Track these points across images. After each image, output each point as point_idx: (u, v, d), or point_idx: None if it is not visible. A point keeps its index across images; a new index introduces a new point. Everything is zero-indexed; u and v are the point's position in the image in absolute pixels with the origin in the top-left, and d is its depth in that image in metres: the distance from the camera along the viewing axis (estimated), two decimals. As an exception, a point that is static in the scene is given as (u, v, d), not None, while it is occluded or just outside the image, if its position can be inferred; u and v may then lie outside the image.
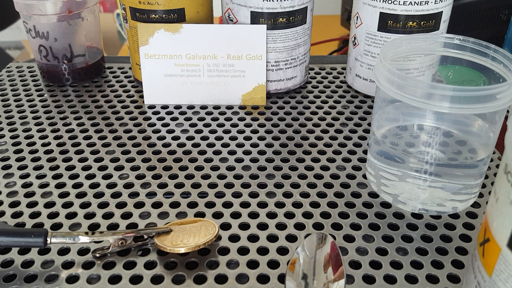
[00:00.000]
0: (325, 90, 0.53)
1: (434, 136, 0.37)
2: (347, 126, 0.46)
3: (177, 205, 0.36)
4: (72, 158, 0.41)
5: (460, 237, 0.33)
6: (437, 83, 0.30)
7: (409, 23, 0.46)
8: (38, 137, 0.44)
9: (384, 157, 0.36)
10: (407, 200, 0.35)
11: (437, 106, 0.30)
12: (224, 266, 0.31)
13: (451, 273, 0.30)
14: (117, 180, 0.39)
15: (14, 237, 0.29)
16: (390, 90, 0.32)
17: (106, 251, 0.31)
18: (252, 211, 0.35)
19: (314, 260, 0.29)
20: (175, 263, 0.31)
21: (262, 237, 0.33)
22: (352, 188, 0.38)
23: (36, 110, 0.49)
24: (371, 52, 0.49)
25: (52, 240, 0.30)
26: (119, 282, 0.30)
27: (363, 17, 0.48)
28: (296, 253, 0.29)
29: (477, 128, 0.36)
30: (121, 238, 0.31)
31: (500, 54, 0.34)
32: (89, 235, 0.30)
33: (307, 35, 0.50)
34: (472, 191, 0.35)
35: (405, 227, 0.34)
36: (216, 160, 0.41)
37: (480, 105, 0.30)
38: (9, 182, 0.38)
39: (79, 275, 0.30)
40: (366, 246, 0.32)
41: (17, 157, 0.41)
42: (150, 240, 0.31)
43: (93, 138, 0.44)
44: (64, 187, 0.38)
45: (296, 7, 0.47)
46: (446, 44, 0.36)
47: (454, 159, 0.36)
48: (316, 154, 0.42)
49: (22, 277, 0.30)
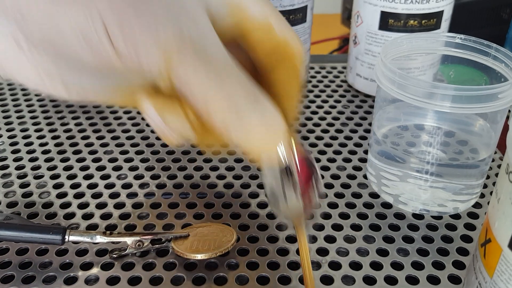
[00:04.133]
0: (325, 90, 0.52)
1: (435, 136, 0.37)
2: (348, 125, 0.46)
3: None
4: (70, 158, 0.41)
5: (461, 238, 0.33)
6: (438, 83, 0.30)
7: (410, 22, 0.45)
8: (35, 137, 0.44)
9: (385, 157, 0.36)
10: (408, 200, 0.35)
11: (439, 106, 0.30)
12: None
13: (452, 274, 0.30)
14: (116, 180, 0.38)
15: (33, 232, 0.29)
16: (391, 89, 0.32)
17: (123, 252, 0.31)
18: (252, 212, 0.35)
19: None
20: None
21: (262, 237, 0.33)
22: (353, 188, 0.38)
23: (33, 109, 0.48)
24: (371, 51, 0.49)
25: (70, 238, 0.30)
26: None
27: (364, 16, 0.48)
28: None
29: (479, 128, 0.36)
30: (139, 240, 0.31)
31: (501, 54, 0.33)
32: (107, 235, 0.30)
33: (307, 34, 0.50)
34: (474, 191, 0.35)
35: (406, 227, 0.34)
36: (216, 160, 0.41)
37: (482, 104, 0.29)
38: (6, 182, 0.38)
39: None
40: (366, 246, 0.32)
41: (15, 157, 0.41)
42: (168, 244, 0.31)
43: (91, 138, 0.44)
44: (62, 187, 0.38)
45: (296, 6, 0.47)
46: (447, 43, 0.36)
47: (455, 159, 0.36)
48: (317, 154, 0.42)
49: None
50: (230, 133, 0.23)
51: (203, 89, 0.23)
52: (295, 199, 0.25)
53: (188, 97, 0.23)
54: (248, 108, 0.23)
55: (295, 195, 0.25)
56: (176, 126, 0.25)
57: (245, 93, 0.23)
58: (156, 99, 0.25)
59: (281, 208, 0.26)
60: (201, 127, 0.26)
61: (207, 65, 0.23)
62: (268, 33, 0.27)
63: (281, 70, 0.28)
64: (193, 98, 0.23)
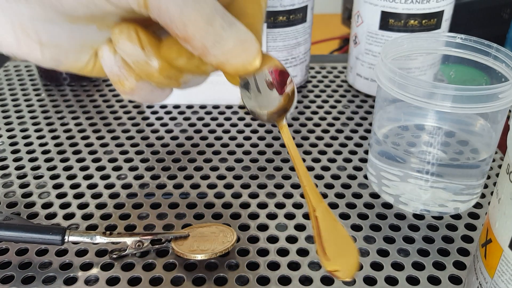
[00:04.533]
0: (326, 90, 0.52)
1: (436, 136, 0.37)
2: (348, 125, 0.46)
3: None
4: (70, 158, 0.41)
5: (462, 238, 0.33)
6: (439, 83, 0.30)
7: (410, 22, 0.45)
8: (35, 137, 0.44)
9: (385, 157, 0.36)
10: (409, 200, 0.35)
11: (439, 106, 0.30)
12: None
13: (453, 274, 0.30)
14: (116, 180, 0.38)
15: (33, 232, 0.29)
16: (391, 89, 0.32)
17: (123, 252, 0.31)
18: (252, 212, 0.35)
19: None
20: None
21: (262, 238, 0.33)
22: (353, 188, 0.37)
23: (33, 109, 0.48)
24: (372, 51, 0.49)
25: (70, 238, 0.30)
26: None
27: (364, 16, 0.47)
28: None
29: (479, 128, 0.36)
30: (138, 241, 0.31)
31: (502, 53, 0.33)
32: (107, 235, 0.30)
33: (307, 34, 0.50)
34: (474, 191, 0.35)
35: (406, 228, 0.34)
36: (216, 160, 0.41)
37: (482, 104, 0.29)
38: (6, 182, 0.38)
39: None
40: (367, 247, 0.32)
41: (15, 157, 0.41)
42: (168, 244, 0.31)
43: (91, 138, 0.44)
44: (62, 187, 0.37)
45: (296, 6, 0.47)
46: (447, 43, 0.36)
47: (456, 159, 0.36)
48: (317, 154, 0.41)
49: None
50: (209, 54, 0.26)
51: (182, 13, 0.24)
52: (274, 95, 0.30)
53: (167, 23, 0.25)
54: (225, 29, 0.25)
55: (273, 92, 0.30)
56: (128, 49, 0.28)
57: (221, 16, 0.25)
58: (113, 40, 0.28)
59: (264, 110, 0.30)
60: (158, 52, 0.28)
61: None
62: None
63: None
64: (172, 24, 0.25)
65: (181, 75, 0.31)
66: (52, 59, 0.28)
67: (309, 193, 0.25)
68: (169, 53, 0.28)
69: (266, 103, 0.31)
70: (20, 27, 0.26)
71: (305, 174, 0.26)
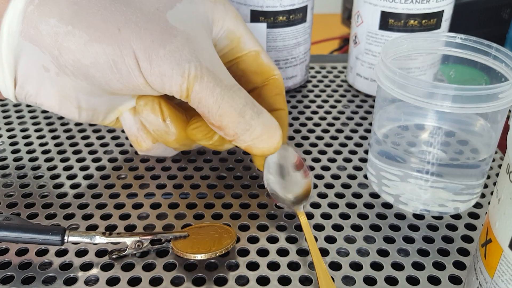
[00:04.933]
0: (326, 89, 0.52)
1: (436, 136, 0.37)
2: (348, 125, 0.46)
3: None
4: (70, 158, 0.41)
5: (462, 238, 0.33)
6: (438, 83, 0.30)
7: (410, 22, 0.45)
8: (35, 137, 0.44)
9: (385, 157, 0.36)
10: (409, 200, 0.35)
11: (439, 106, 0.30)
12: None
13: (453, 274, 0.30)
14: (116, 180, 0.38)
15: (33, 233, 0.29)
16: (391, 89, 0.32)
17: (123, 252, 0.31)
18: (252, 212, 0.35)
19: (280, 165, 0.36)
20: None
21: (262, 237, 0.33)
22: (353, 188, 0.37)
23: (33, 109, 0.48)
24: (372, 51, 0.49)
25: (69, 238, 0.30)
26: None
27: (364, 16, 0.47)
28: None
29: (479, 127, 0.36)
30: (138, 241, 0.31)
31: (502, 53, 0.33)
32: (106, 235, 0.30)
33: (307, 34, 0.50)
34: (474, 191, 0.35)
35: (406, 228, 0.34)
36: (216, 160, 0.41)
37: (482, 104, 0.29)
38: (6, 182, 0.38)
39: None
40: (367, 247, 0.32)
41: (15, 157, 0.41)
42: (168, 244, 0.31)
43: (91, 138, 0.44)
44: (62, 187, 0.37)
45: (296, 6, 0.47)
46: (447, 43, 0.36)
47: (456, 159, 0.36)
48: (317, 154, 0.41)
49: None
50: (239, 139, 0.30)
51: (219, 108, 0.29)
52: (294, 174, 0.35)
53: (204, 113, 0.29)
54: (254, 118, 0.30)
55: (293, 171, 0.35)
56: (151, 119, 0.32)
57: (251, 108, 0.30)
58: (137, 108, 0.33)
59: (283, 191, 0.34)
60: (181, 127, 0.33)
61: (220, 87, 0.28)
62: (255, 60, 0.35)
63: (268, 87, 0.36)
64: (209, 114, 0.29)
65: (194, 143, 0.35)
66: (87, 119, 0.32)
67: (321, 277, 0.28)
68: (194, 133, 0.32)
69: (290, 186, 0.35)
70: (64, 95, 0.30)
71: (319, 260, 0.29)
